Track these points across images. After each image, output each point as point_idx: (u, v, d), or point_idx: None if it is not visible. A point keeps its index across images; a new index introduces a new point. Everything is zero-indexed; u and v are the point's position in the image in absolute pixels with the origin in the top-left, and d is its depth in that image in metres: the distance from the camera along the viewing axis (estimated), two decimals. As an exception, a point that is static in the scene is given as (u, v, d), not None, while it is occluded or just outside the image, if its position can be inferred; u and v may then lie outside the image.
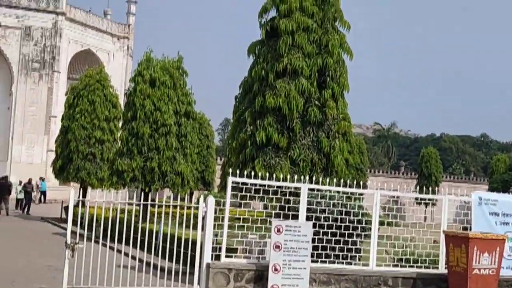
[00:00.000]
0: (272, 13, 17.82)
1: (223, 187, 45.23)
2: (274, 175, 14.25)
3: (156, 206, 13.25)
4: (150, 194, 26.84)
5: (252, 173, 13.80)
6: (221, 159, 61.63)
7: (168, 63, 27.40)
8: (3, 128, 54.94)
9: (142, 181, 26.38)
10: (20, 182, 40.37)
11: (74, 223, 31.85)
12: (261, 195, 13.93)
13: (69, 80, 58.48)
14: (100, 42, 60.02)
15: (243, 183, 13.51)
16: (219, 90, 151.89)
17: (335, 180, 14.02)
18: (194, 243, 13.71)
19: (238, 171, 14.83)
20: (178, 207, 14.14)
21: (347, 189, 13.56)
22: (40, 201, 46.09)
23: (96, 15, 60.94)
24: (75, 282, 12.27)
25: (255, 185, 13.59)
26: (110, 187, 29.95)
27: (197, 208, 12.82)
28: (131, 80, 27.53)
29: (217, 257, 12.93)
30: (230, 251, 13.41)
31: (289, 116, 16.69)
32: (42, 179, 46.67)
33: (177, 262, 13.16)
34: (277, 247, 12.89)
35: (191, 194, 38.43)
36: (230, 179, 13.29)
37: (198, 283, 12.96)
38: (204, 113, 45.90)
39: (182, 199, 14.00)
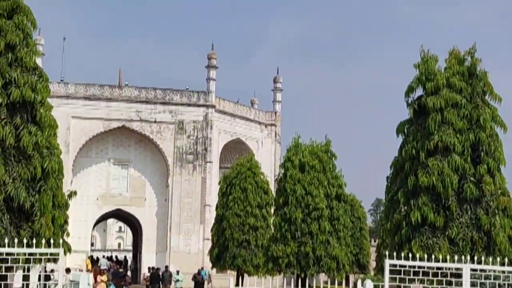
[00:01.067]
0: (419, 91, 17.72)
1: (379, 269, 44.29)
2: (433, 256, 13.82)
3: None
4: (306, 279, 26.74)
5: (410, 255, 13.46)
6: (375, 241, 60.59)
7: (316, 147, 27.77)
8: (162, 219, 57.12)
9: (297, 267, 26.42)
10: (178, 272, 41.47)
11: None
12: (420, 277, 13.55)
13: (221, 169, 60.28)
14: (248, 130, 61.71)
15: (401, 265, 13.23)
16: (368, 170, 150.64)
17: (498, 259, 13.40)
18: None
19: (394, 253, 14.55)
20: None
21: (513, 268, 12.90)
22: None
23: (244, 105, 62.99)
24: None
25: (414, 266, 13.27)
26: (266, 274, 30.32)
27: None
28: (281, 166, 28.03)
29: None
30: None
31: (444, 194, 16.27)
32: (202, 268, 47.58)
33: None
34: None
35: (347, 278, 38.01)
36: (387, 261, 13.08)
37: None
38: (355, 195, 45.57)
39: (340, 284, 13.87)
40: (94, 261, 55.28)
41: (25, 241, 13.80)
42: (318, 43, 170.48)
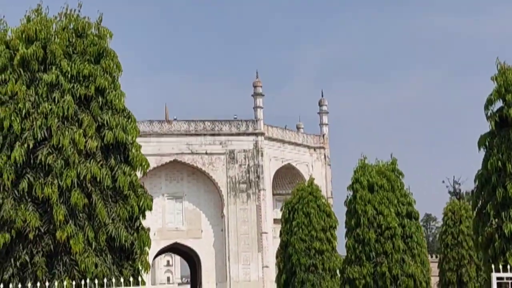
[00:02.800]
0: (498, 103, 17.75)
1: (443, 285, 43.96)
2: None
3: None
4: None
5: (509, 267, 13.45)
6: (431, 256, 59.95)
7: (383, 167, 27.83)
8: (220, 249, 57.49)
9: (374, 287, 26.37)
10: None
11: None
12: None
13: (275, 196, 60.57)
14: (298, 155, 62.01)
15: (508, 278, 13.22)
16: (416, 186, 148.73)
17: None
18: None
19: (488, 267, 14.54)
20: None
21: None
22: None
23: (292, 130, 63.40)
24: None
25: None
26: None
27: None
28: (349, 188, 28.06)
29: None
30: None
31: (537, 206, 16.24)
32: None
33: None
34: None
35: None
36: (494, 274, 13.08)
37: None
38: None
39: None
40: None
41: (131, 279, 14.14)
42: (359, 63, 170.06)
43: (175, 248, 63.36)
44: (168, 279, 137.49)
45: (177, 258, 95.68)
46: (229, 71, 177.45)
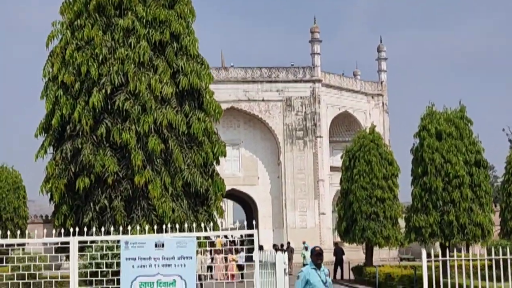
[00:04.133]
0: None
1: (505, 234, 43.37)
2: None
3: (501, 261, 12.77)
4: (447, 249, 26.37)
5: None
6: (495, 206, 59.19)
7: (451, 114, 27.30)
8: (276, 196, 57.68)
9: (441, 236, 26.14)
10: (306, 248, 41.48)
11: (369, 283, 32.25)
12: None
13: (331, 144, 60.18)
14: (355, 102, 61.22)
15: None
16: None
17: None
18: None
19: None
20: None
21: None
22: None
23: (349, 77, 62.56)
24: None
25: None
26: (408, 244, 30.32)
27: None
28: (416, 136, 27.66)
29: None
30: None
31: None
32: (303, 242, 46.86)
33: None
34: None
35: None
36: None
37: None
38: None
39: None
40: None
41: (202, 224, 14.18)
42: (418, 9, 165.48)
43: (232, 195, 63.72)
44: (221, 224, 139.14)
45: (230, 203, 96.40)
46: (286, 17, 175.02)
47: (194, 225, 12.71)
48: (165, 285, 11.63)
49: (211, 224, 14.06)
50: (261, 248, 32.64)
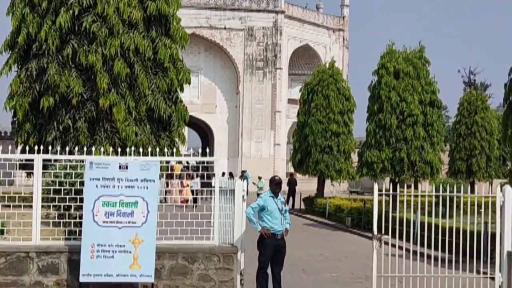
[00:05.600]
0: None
1: (452, 173, 44.74)
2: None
3: (455, 198, 13.46)
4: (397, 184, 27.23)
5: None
6: (445, 145, 60.68)
7: (410, 54, 27.74)
8: (233, 125, 58.20)
9: (392, 172, 26.93)
10: (260, 178, 42.23)
11: (319, 214, 33.23)
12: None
13: (290, 76, 60.56)
14: (316, 36, 61.41)
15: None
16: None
17: None
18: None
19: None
20: (469, 198, 14.30)
21: None
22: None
23: (312, 10, 62.51)
24: (384, 271, 13.06)
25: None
26: (359, 178, 31.27)
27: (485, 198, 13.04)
28: (374, 73, 28.07)
29: None
30: None
31: None
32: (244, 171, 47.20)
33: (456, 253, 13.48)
34: None
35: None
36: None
37: (500, 271, 13.22)
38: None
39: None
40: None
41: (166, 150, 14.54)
42: None
43: (188, 122, 63.93)
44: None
45: (185, 130, 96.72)
46: None
47: (157, 149, 13.05)
48: (127, 205, 11.98)
49: (174, 150, 14.40)
50: (225, 175, 33.41)
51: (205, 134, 63.89)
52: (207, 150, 13.69)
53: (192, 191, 33.92)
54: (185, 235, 12.50)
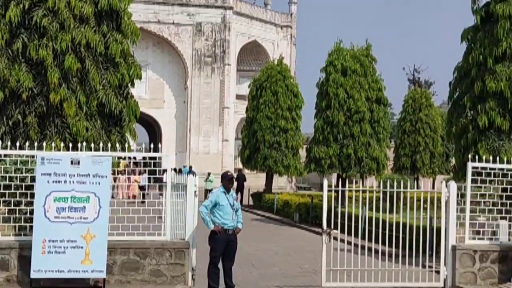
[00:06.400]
0: (485, -2, 18.08)
1: (397, 169, 45.69)
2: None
3: (402, 193, 13.82)
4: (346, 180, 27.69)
5: (491, 158, 14.15)
6: (391, 142, 61.82)
7: (357, 52, 28.24)
8: (181, 121, 58.06)
9: (339, 167, 27.38)
10: (209, 173, 42.24)
11: (267, 209, 33.42)
12: (492, 178, 14.24)
13: (238, 72, 60.71)
14: (264, 32, 61.67)
15: (482, 168, 14.01)
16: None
17: None
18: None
19: (460, 156, 15.33)
20: (415, 194, 14.69)
21: None
22: None
23: (260, 7, 62.76)
24: (333, 264, 13.38)
25: (494, 169, 14.04)
26: (307, 174, 31.71)
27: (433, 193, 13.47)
28: (322, 70, 28.45)
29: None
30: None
31: (511, 99, 16.94)
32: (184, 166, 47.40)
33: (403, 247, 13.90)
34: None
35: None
36: (470, 164, 13.84)
37: (445, 264, 13.67)
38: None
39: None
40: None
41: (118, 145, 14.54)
42: None
43: (136, 116, 63.63)
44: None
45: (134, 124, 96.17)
46: None
47: (109, 145, 13.05)
48: (79, 200, 11.98)
49: (126, 145, 14.41)
50: (177, 171, 33.24)
51: (152, 129, 63.59)
52: (158, 145, 13.78)
53: (141, 187, 33.87)
54: (136, 231, 12.54)
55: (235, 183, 41.08)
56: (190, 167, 46.24)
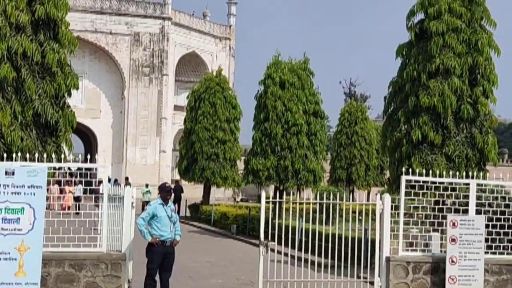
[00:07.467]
0: (420, 15, 18.53)
1: (333, 181, 46.22)
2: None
3: (338, 205, 14.04)
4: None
5: (424, 171, 14.49)
6: (327, 154, 62.51)
7: (295, 65, 28.58)
8: (118, 131, 57.50)
9: (277, 179, 27.61)
10: (147, 185, 41.93)
11: (204, 221, 33.34)
12: (424, 191, 14.57)
13: (177, 83, 60.54)
14: (203, 44, 61.78)
15: (415, 181, 14.32)
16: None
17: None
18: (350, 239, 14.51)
19: (395, 169, 15.66)
20: (351, 206, 14.96)
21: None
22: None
23: (199, 18, 62.83)
24: (269, 276, 13.45)
25: (427, 181, 14.37)
26: (245, 185, 31.80)
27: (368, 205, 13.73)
28: (260, 83, 28.70)
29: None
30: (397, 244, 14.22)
31: (443, 114, 17.38)
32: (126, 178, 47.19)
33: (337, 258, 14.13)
34: (453, 240, 13.68)
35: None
36: (404, 177, 14.14)
37: (379, 275, 13.91)
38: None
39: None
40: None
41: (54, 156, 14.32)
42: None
43: (71, 127, 62.65)
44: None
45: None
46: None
47: (45, 155, 12.86)
48: (13, 212, 11.73)
49: (62, 156, 14.19)
50: (117, 181, 32.68)
51: (88, 139, 62.72)
52: (94, 156, 13.65)
53: (76, 198, 33.35)
54: (72, 242, 12.36)
55: (172, 195, 40.99)
56: (116, 180, 45.69)
